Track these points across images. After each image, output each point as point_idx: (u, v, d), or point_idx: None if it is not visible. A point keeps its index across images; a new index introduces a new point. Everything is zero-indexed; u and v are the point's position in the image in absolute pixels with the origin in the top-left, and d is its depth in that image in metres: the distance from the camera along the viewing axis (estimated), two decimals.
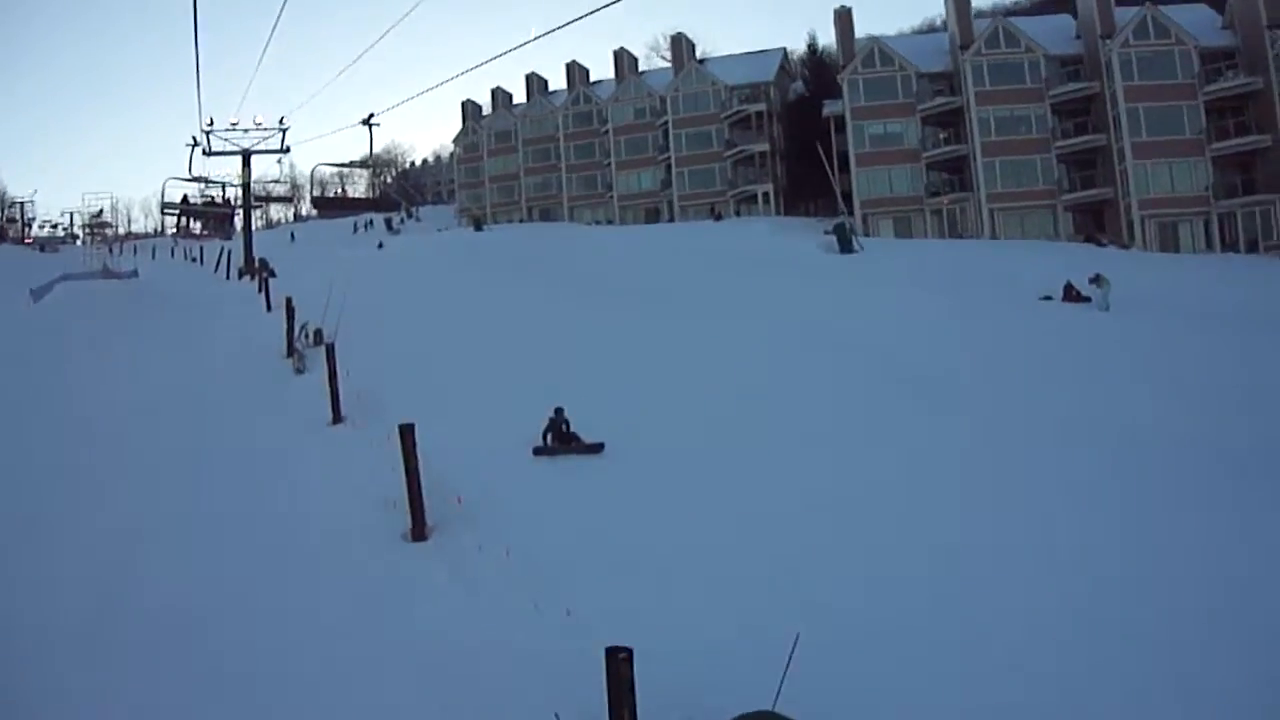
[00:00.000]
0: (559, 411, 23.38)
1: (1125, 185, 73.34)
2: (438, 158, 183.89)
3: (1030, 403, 26.72)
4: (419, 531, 17.74)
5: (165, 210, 70.56)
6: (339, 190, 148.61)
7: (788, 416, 25.24)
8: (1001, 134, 78.22)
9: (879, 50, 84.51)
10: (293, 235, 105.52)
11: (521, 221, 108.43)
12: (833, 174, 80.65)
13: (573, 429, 23.26)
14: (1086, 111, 77.30)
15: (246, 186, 67.22)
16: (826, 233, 74.37)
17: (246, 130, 64.35)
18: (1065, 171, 77.57)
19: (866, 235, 76.83)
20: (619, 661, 9.62)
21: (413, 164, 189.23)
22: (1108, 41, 74.58)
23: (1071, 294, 46.00)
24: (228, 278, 62.82)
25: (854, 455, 22.15)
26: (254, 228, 71.02)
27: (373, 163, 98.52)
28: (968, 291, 47.63)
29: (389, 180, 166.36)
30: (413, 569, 16.59)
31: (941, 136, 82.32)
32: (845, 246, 65.97)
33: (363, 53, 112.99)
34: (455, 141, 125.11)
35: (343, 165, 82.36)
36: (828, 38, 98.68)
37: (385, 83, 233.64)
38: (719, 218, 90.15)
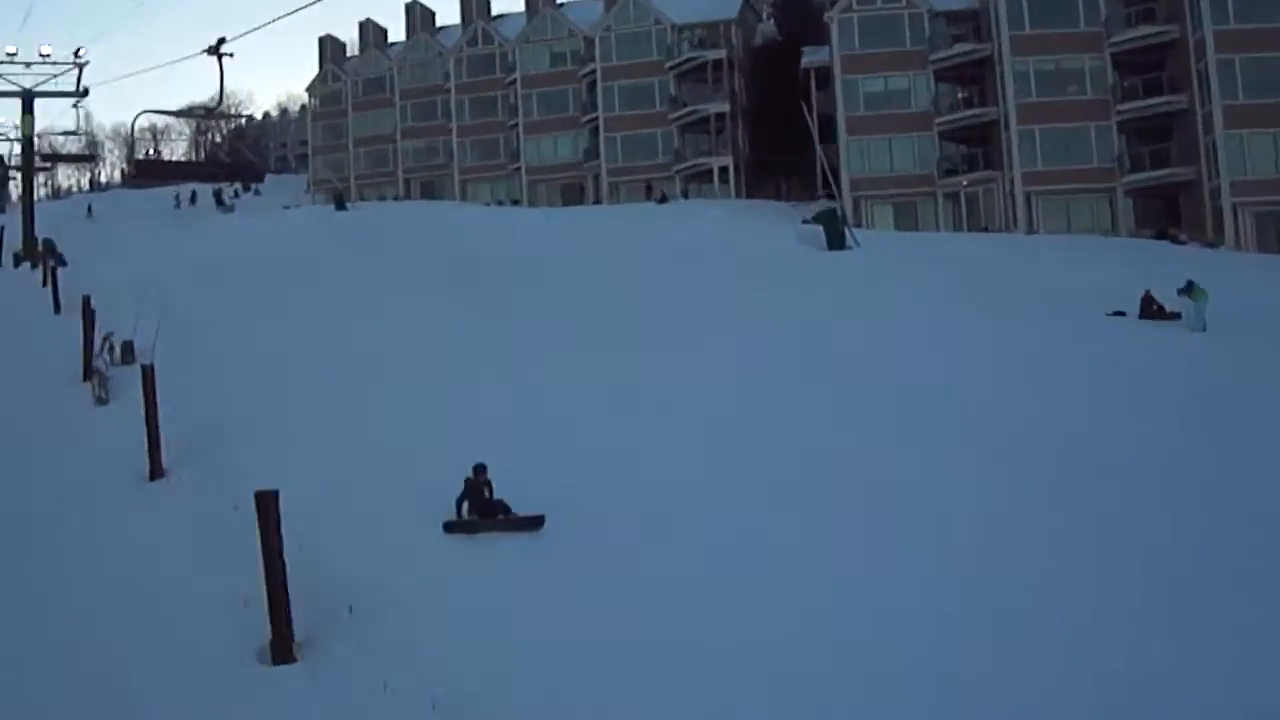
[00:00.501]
0: (479, 470, 20.78)
1: (1213, 164, 69.87)
2: (284, 111, 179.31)
3: (1139, 476, 23.90)
4: (283, 649, 14.94)
5: None
6: (150, 151, 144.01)
7: (784, 487, 22.56)
8: (1045, 93, 75.49)
9: None
10: (90, 209, 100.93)
11: (397, 199, 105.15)
12: (817, 143, 79.26)
13: (498, 496, 20.70)
14: (1160, 65, 74.20)
15: (29, 141, 64.29)
16: (805, 222, 73.13)
17: (29, 64, 61.72)
18: (1127, 145, 74.78)
19: (859, 226, 74.32)
20: None
21: (250, 118, 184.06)
22: None
23: (1152, 308, 44.09)
24: (0, 264, 59.77)
25: (900, 560, 18.84)
26: (37, 197, 67.92)
27: (224, 109, 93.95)
28: (1013, 305, 45.58)
29: (218, 139, 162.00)
30: (274, 710, 13.96)
31: (961, 97, 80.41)
32: (835, 241, 64.03)
33: None
34: (310, 91, 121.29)
35: (179, 113, 77.77)
36: None
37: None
38: (663, 199, 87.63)
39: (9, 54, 60.86)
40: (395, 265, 53.30)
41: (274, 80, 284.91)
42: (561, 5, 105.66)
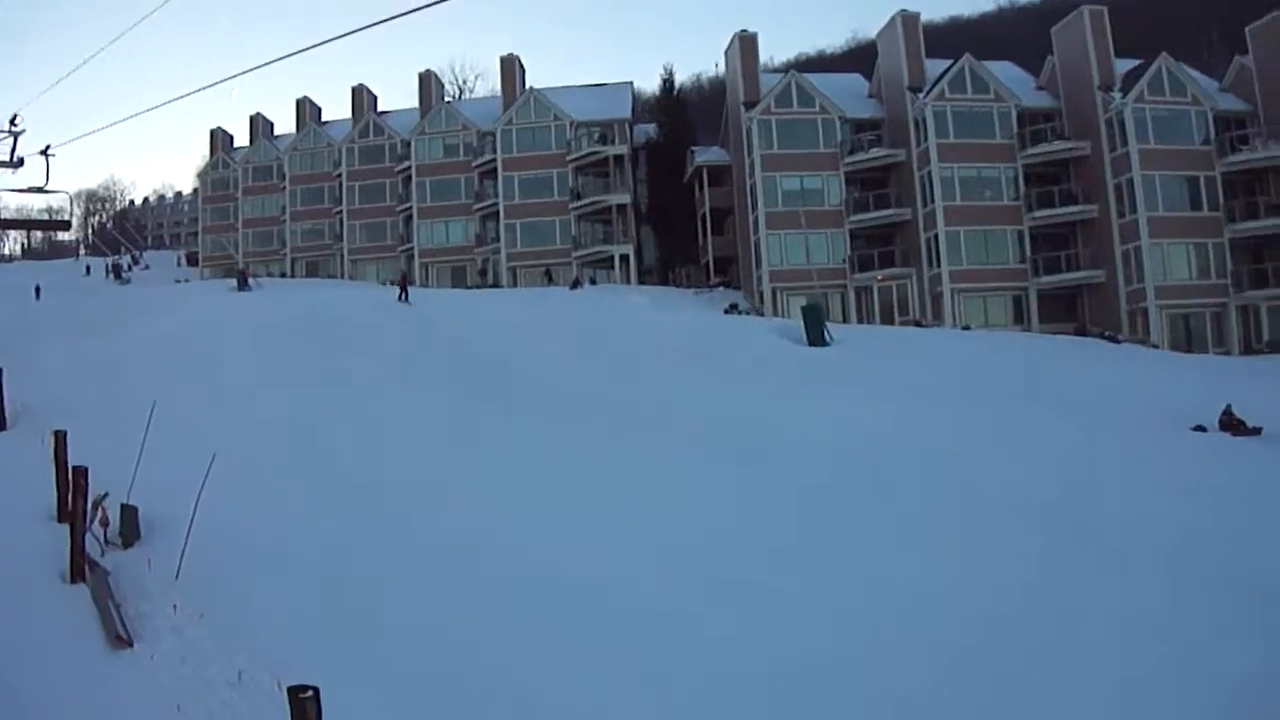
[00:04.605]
0: None
1: (1134, 268, 54.62)
2: (160, 197, 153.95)
3: None
4: None
5: None
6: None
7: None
8: (968, 197, 57.87)
9: (797, 86, 63.21)
10: (38, 290, 67.61)
11: (284, 275, 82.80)
12: (705, 237, 68.33)
13: None
14: (1066, 176, 58.68)
15: None
16: (729, 310, 58.38)
17: None
18: (1035, 248, 58.52)
19: (775, 315, 57.58)
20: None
21: (132, 202, 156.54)
22: (1112, 94, 55.83)
23: (1233, 423, 30.91)
24: None
25: None
26: None
27: (51, 189, 68.05)
28: (1076, 410, 31.69)
29: (104, 220, 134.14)
30: None
31: (873, 197, 60.92)
32: (817, 336, 43.60)
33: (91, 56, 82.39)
34: (201, 176, 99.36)
35: (25, 190, 52.13)
36: (684, 72, 77.44)
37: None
38: (576, 285, 65.94)
39: None
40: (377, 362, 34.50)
41: (153, 170, 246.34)
42: (451, 101, 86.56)
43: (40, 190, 45.22)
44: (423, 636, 13.89)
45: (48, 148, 43.42)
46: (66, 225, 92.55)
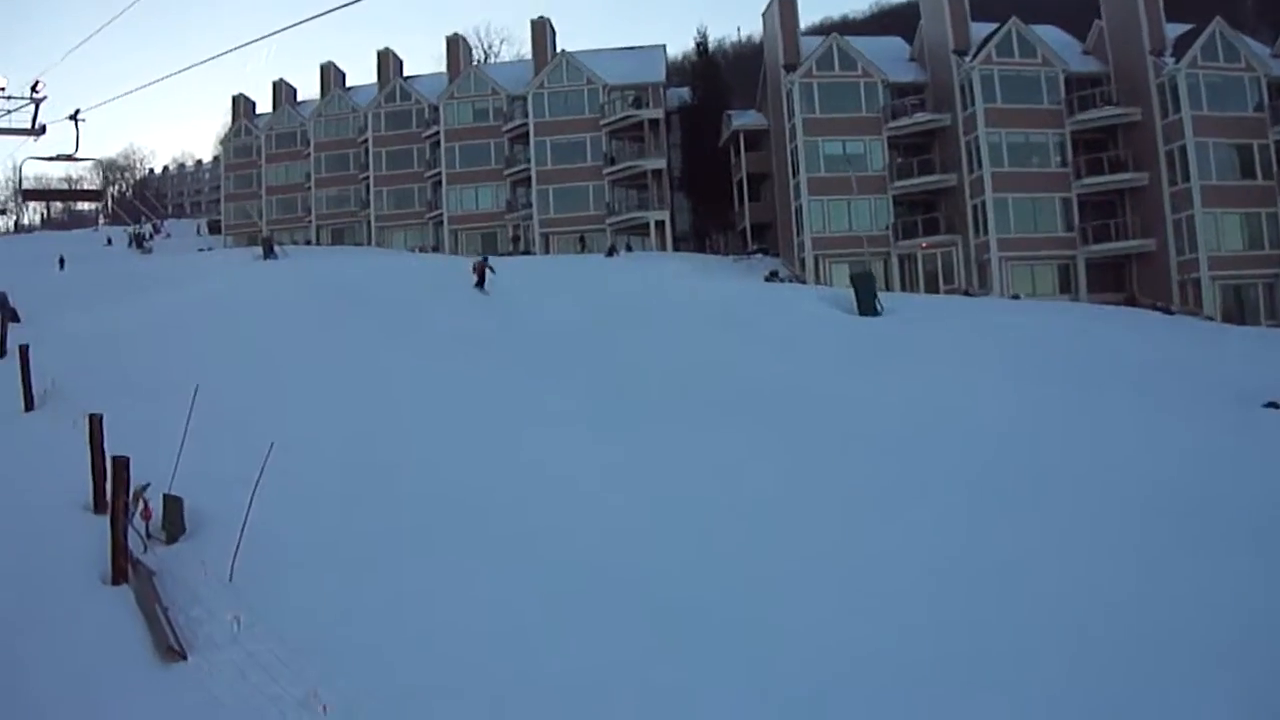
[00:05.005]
0: None
1: (1184, 238, 53.38)
2: (181, 165, 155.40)
3: None
4: None
5: None
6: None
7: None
8: (1015, 163, 56.68)
9: (839, 49, 61.98)
10: (61, 261, 66.03)
11: (309, 243, 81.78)
12: (741, 203, 67.31)
13: None
14: (1115, 142, 57.28)
15: None
16: (769, 278, 57.16)
17: None
18: (1084, 216, 57.26)
19: (818, 283, 56.77)
20: None
21: (152, 171, 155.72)
22: (1165, 59, 54.74)
23: None
24: None
25: None
26: None
27: (81, 157, 66.54)
28: (1150, 389, 29.80)
29: (125, 190, 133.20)
30: None
31: (915, 163, 60.09)
32: (867, 305, 42.83)
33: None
34: (223, 143, 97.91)
35: (54, 158, 51.34)
36: (720, 31, 76.91)
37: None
38: (612, 252, 65.03)
39: None
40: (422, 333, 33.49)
41: (173, 138, 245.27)
42: (478, 66, 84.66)
43: (70, 158, 44.47)
44: (513, 656, 12.02)
45: (77, 112, 42.27)
46: (99, 195, 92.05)
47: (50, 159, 47.40)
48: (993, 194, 55.83)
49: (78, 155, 44.14)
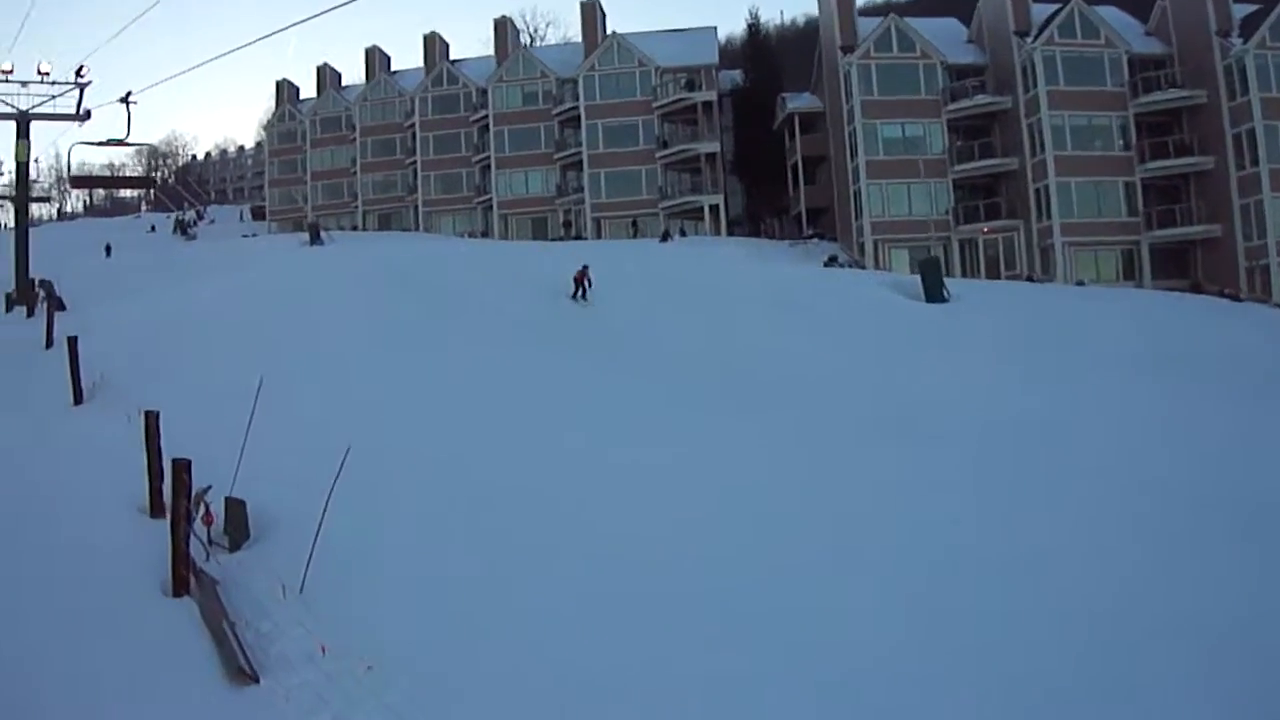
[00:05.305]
0: None
1: (1251, 223, 52.39)
2: (223, 152, 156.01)
3: None
4: None
5: None
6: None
7: None
8: (1079, 147, 55.97)
9: (897, 30, 61.49)
10: (108, 248, 66.78)
11: (355, 229, 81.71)
12: (796, 187, 67.35)
13: None
14: (1179, 125, 56.35)
15: (23, 168, 41.82)
16: (828, 263, 56.61)
17: (25, 83, 39.78)
18: (1147, 201, 56.45)
19: (877, 268, 56.36)
20: None
21: (194, 157, 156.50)
22: (1231, 40, 54.11)
23: None
24: None
25: None
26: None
27: (133, 142, 66.63)
28: (1242, 388, 28.14)
29: (167, 176, 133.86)
30: None
31: (975, 147, 59.21)
32: (934, 292, 42.15)
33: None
34: (267, 128, 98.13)
35: (103, 143, 52.01)
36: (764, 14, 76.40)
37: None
38: (667, 236, 64.76)
39: (3, 72, 39.47)
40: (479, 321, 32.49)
41: (214, 124, 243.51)
42: (527, 48, 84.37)
43: (121, 143, 44.30)
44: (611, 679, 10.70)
45: (129, 95, 42.11)
46: (150, 182, 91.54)
47: (101, 144, 47.23)
48: (1056, 178, 55.16)
49: (129, 140, 44.11)
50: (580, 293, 37.59)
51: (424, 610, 12.12)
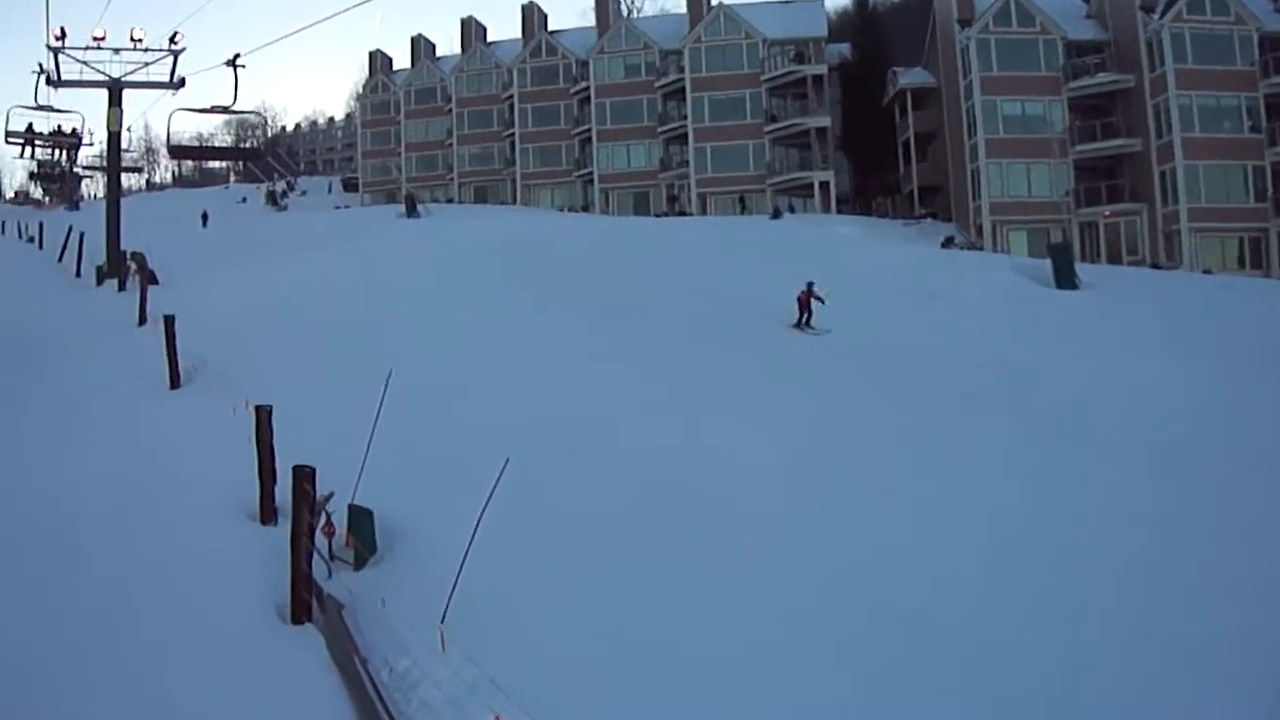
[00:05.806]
0: None
1: None
2: (313, 123, 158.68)
3: None
4: None
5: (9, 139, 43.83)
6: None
7: None
8: (1207, 129, 54.61)
9: (1016, 4, 60.53)
10: (205, 217, 66.94)
11: (450, 201, 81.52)
12: (908, 164, 66.72)
13: None
14: None
15: (115, 137, 40.64)
16: (945, 244, 55.88)
17: (118, 50, 38.69)
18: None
19: (994, 249, 55.33)
20: None
21: (284, 129, 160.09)
22: None
23: None
24: (79, 274, 38.65)
25: None
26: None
27: (238, 110, 66.57)
28: None
29: (257, 146, 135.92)
30: None
31: (1097, 126, 58.01)
32: (1066, 278, 40.85)
33: None
34: (360, 100, 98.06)
35: (204, 110, 51.92)
36: None
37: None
38: (778, 213, 63.67)
39: (96, 39, 38.31)
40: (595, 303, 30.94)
41: (303, 95, 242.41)
42: (629, 19, 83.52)
43: (226, 110, 44.29)
44: None
45: (236, 57, 41.91)
46: (257, 153, 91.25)
47: (205, 110, 47.16)
48: (1183, 160, 53.93)
49: (234, 106, 44.01)
50: (805, 319, 31.71)
51: (586, 639, 10.63)
